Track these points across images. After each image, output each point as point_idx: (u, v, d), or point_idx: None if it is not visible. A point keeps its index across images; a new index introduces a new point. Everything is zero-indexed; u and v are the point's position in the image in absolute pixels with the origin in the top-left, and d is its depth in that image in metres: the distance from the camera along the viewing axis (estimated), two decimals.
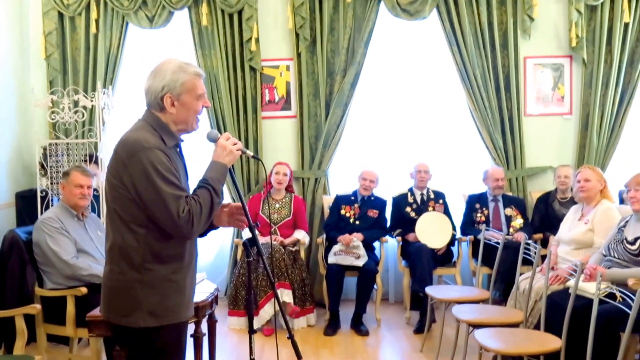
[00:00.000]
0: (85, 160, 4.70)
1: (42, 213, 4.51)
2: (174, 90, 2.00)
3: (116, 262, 1.99)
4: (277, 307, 2.30)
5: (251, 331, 2.31)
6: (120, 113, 4.94)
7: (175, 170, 1.97)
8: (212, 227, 2.18)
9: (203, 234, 2.15)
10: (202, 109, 2.09)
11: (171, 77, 2.00)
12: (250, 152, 2.18)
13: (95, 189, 4.22)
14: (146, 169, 1.90)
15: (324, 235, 5.10)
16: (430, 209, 5.07)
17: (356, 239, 4.82)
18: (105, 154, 4.73)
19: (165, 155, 1.95)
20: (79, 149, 4.80)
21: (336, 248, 4.82)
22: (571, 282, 3.32)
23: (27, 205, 4.81)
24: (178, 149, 2.11)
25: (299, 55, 5.40)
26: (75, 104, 4.81)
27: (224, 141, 2.08)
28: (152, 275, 1.97)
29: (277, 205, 5.03)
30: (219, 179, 2.02)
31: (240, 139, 5.31)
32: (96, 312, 3.08)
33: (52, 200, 4.74)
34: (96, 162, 4.71)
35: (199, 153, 3.80)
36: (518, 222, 5.03)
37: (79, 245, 3.74)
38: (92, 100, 4.71)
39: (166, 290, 2.00)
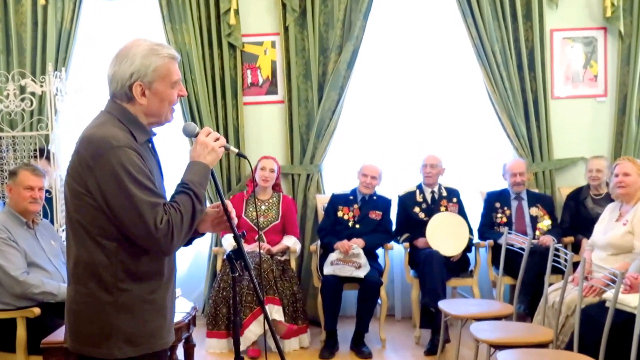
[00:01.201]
0: (35, 157, 4.68)
1: None
2: (145, 77, 1.99)
3: (83, 282, 1.97)
4: (267, 327, 2.31)
5: (237, 359, 2.32)
6: (75, 100, 4.91)
7: (150, 172, 1.96)
8: (197, 234, 2.17)
9: (188, 242, 2.15)
10: (178, 99, 2.09)
11: (141, 61, 1.99)
12: (235, 149, 2.17)
13: (47, 190, 4.20)
14: (116, 172, 1.88)
15: (318, 242, 5.11)
16: (443, 209, 5.09)
17: (356, 245, 4.84)
18: (59, 148, 4.71)
19: (138, 154, 1.94)
20: (27, 143, 4.77)
21: (333, 256, 4.84)
22: (609, 294, 3.35)
23: None
24: (150, 145, 2.10)
25: (286, 29, 5.39)
26: (22, 89, 4.78)
27: (204, 137, 2.07)
28: (127, 296, 1.97)
29: (263, 207, 5.03)
30: (200, 182, 2.01)
31: (217, 130, 5.30)
32: (53, 337, 3.08)
33: None
34: (48, 158, 4.69)
35: (171, 146, 3.80)
36: (545, 223, 5.06)
37: (29, 257, 3.73)
38: (42, 86, 4.68)
39: (144, 312, 1.99)
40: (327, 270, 4.80)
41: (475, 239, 5.12)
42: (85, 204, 1.94)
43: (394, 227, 5.18)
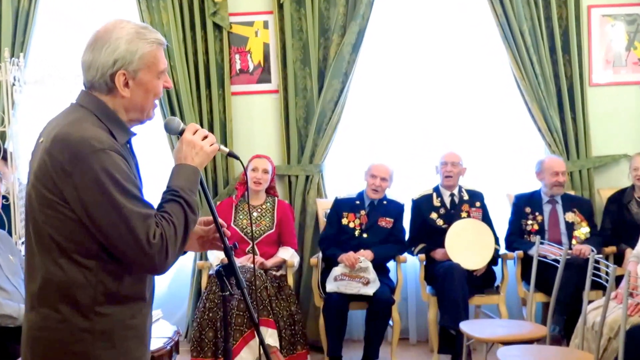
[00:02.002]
0: None
1: None
2: (130, 65, 1.99)
3: (53, 306, 1.95)
4: (261, 353, 2.32)
5: None
6: (36, 91, 4.93)
7: (135, 178, 1.97)
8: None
9: None
10: (162, 91, 2.10)
11: (127, 47, 1.99)
12: (225, 148, 2.19)
13: (4, 196, 4.22)
14: (100, 180, 1.87)
15: (320, 254, 5.13)
16: (464, 214, 5.12)
17: (364, 258, 4.86)
18: (17, 147, 4.73)
19: (122, 158, 1.94)
20: None
21: (337, 271, 4.86)
22: None
23: None
24: (128, 145, 2.12)
25: (280, 6, 5.41)
26: None
27: (190, 135, 2.08)
28: (106, 322, 1.96)
29: (255, 214, 5.05)
30: (191, 189, 2.02)
31: (201, 124, 5.31)
32: None
33: None
34: (4, 159, 4.70)
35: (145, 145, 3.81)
36: (583, 231, 5.09)
37: None
38: None
39: (125, 340, 1.99)
40: (331, 287, 4.82)
41: (502, 250, 5.15)
42: (60, 216, 1.92)
43: (407, 237, 5.21)
